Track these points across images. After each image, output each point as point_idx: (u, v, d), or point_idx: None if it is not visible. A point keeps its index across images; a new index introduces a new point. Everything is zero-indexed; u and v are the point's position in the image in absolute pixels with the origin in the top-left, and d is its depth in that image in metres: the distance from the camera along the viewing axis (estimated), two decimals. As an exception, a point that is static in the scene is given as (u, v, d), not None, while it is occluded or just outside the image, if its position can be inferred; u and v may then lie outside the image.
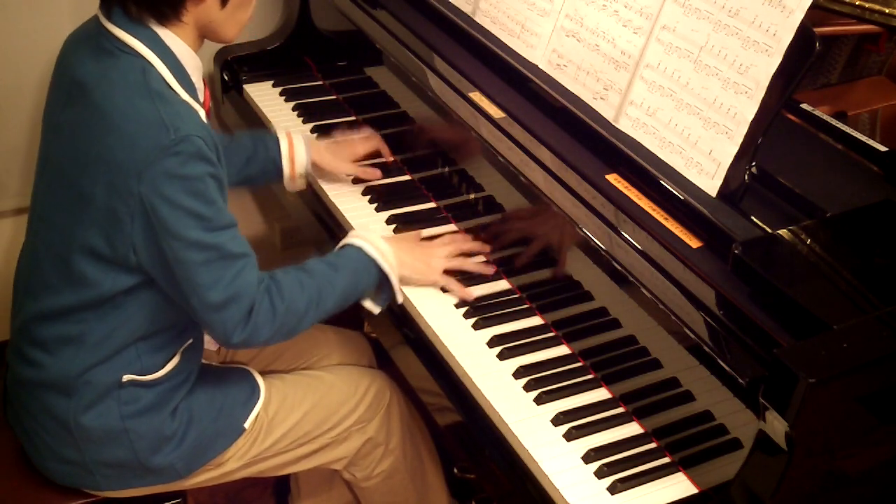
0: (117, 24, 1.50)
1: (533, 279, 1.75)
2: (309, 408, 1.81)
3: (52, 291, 1.59)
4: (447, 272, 1.76)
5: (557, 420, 1.52)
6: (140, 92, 1.46)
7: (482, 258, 1.81)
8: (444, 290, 1.75)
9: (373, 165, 2.05)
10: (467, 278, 1.78)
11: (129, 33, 1.50)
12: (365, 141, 2.05)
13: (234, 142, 1.92)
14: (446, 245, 1.79)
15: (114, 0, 1.51)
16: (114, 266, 1.53)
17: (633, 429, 1.52)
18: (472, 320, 1.69)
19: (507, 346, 1.64)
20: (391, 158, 2.06)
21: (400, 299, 1.73)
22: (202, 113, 1.54)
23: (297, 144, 1.96)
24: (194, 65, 1.57)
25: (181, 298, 1.53)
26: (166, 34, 1.52)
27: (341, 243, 1.72)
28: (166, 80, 1.50)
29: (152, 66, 1.49)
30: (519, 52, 1.89)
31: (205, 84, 1.63)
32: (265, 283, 1.56)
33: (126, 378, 1.60)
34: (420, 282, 1.75)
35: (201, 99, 1.59)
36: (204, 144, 1.46)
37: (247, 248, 1.55)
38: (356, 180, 2.03)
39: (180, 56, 1.53)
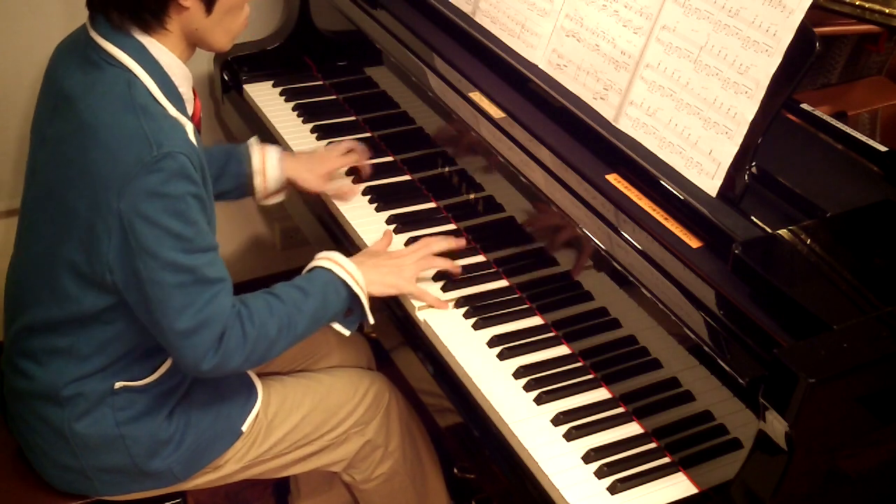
0: (103, 35, 1.48)
1: (533, 279, 1.75)
2: (308, 410, 1.80)
3: (39, 305, 1.58)
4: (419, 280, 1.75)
5: (557, 420, 1.52)
6: (125, 106, 1.44)
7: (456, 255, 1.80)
8: (445, 289, 1.76)
9: (375, 165, 2.05)
10: (468, 276, 1.78)
11: (116, 44, 1.47)
12: (342, 157, 2.00)
13: (207, 154, 1.84)
14: (415, 251, 1.76)
15: (97, 9, 1.49)
16: (93, 284, 1.50)
17: (633, 429, 1.52)
18: (472, 320, 1.69)
19: (507, 346, 1.64)
20: (369, 172, 2.01)
21: (371, 321, 1.71)
22: (190, 128, 1.50)
23: (269, 158, 1.90)
24: (183, 75, 1.54)
25: (150, 322, 1.50)
26: (153, 44, 1.49)
27: (309, 266, 1.69)
28: (153, 93, 1.47)
29: (138, 78, 1.46)
30: (519, 52, 1.89)
31: (195, 95, 1.61)
32: (236, 308, 1.53)
33: (119, 385, 1.59)
34: (397, 293, 1.73)
35: (190, 112, 1.57)
36: (188, 162, 1.43)
37: (224, 272, 1.52)
38: (356, 180, 2.02)
39: (168, 68, 1.51)
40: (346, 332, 1.71)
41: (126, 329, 1.56)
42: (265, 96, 2.32)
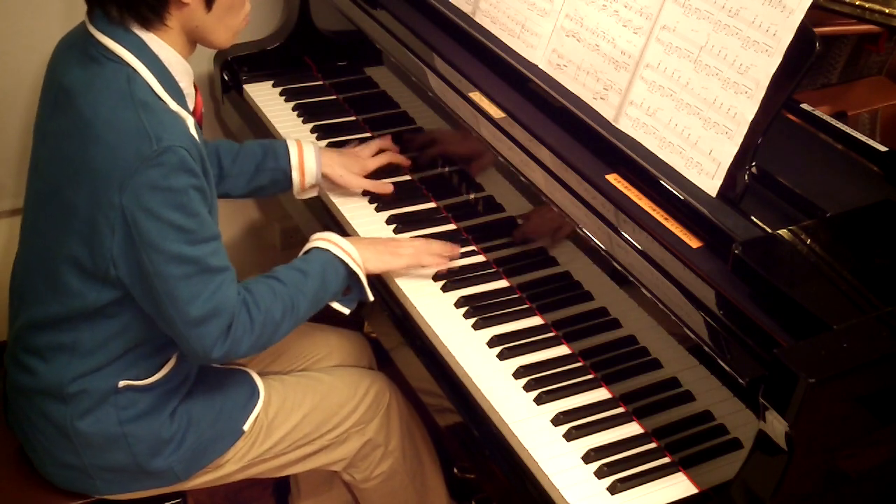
0: (102, 31, 1.48)
1: (533, 279, 1.75)
2: (308, 409, 1.80)
3: (42, 301, 1.58)
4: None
5: (557, 420, 1.52)
6: (124, 101, 1.44)
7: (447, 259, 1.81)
8: (445, 288, 1.76)
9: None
10: (468, 276, 1.78)
11: (115, 40, 1.48)
12: (377, 157, 2.01)
13: (243, 150, 1.89)
14: (413, 241, 1.78)
15: (96, 4, 1.49)
16: (97, 278, 1.51)
17: (633, 429, 1.52)
18: (472, 320, 1.69)
19: (507, 346, 1.64)
20: (408, 164, 2.03)
21: (371, 298, 1.72)
22: (191, 122, 1.51)
23: (307, 154, 1.91)
24: (183, 70, 1.54)
25: (158, 314, 1.50)
26: (153, 40, 1.49)
27: (306, 247, 1.71)
28: (153, 88, 1.47)
29: (138, 73, 1.47)
30: (519, 52, 1.89)
31: (196, 90, 1.61)
32: (241, 295, 1.54)
33: (122, 384, 1.59)
34: (392, 269, 1.75)
35: (191, 107, 1.57)
36: (188, 155, 1.44)
37: (226, 261, 1.53)
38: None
39: (168, 63, 1.51)
40: (346, 311, 1.73)
41: (130, 324, 1.56)
42: (265, 96, 2.32)
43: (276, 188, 1.94)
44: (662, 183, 1.56)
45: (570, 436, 1.50)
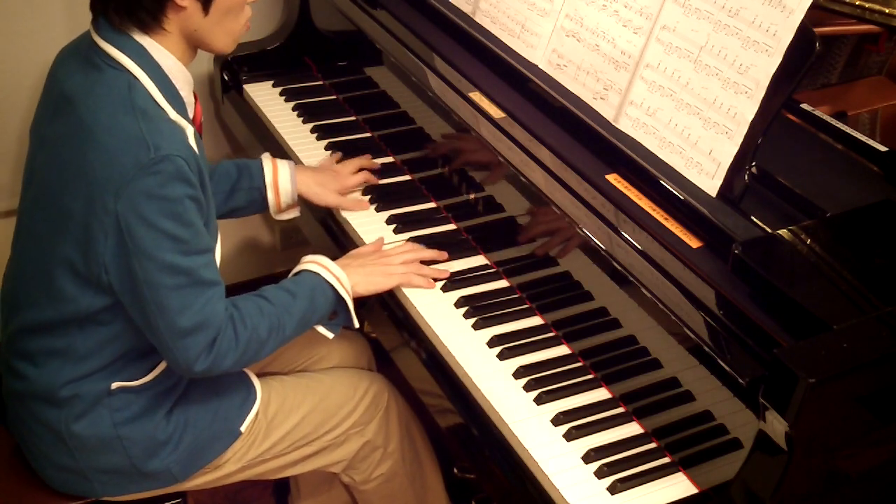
0: (104, 38, 1.49)
1: (533, 279, 1.75)
2: (307, 410, 1.80)
3: (35, 305, 1.58)
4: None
5: (557, 420, 1.52)
6: (124, 108, 1.44)
7: (440, 264, 1.81)
8: (445, 288, 1.76)
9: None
10: (468, 276, 1.78)
11: (116, 47, 1.48)
12: (357, 176, 2.00)
13: (217, 170, 1.88)
14: (402, 253, 1.78)
15: (98, 11, 1.50)
16: (90, 283, 1.51)
17: (633, 429, 1.52)
18: (472, 320, 1.69)
19: (507, 346, 1.64)
20: (376, 182, 2.03)
21: (356, 325, 1.73)
22: (190, 130, 1.51)
23: (281, 173, 1.91)
24: (184, 79, 1.54)
25: (145, 323, 1.50)
26: (154, 46, 1.50)
27: (296, 269, 1.71)
28: (153, 96, 1.47)
29: (138, 81, 1.47)
30: (519, 52, 1.89)
31: (196, 100, 1.61)
32: (229, 311, 1.55)
33: (115, 385, 1.59)
34: (381, 291, 1.75)
35: (191, 115, 1.57)
36: (185, 165, 1.44)
37: (217, 276, 1.53)
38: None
39: (168, 70, 1.51)
40: (330, 335, 1.73)
41: (123, 330, 1.56)
42: (265, 96, 2.32)
43: (253, 208, 1.93)
44: (662, 183, 1.56)
45: (570, 436, 1.50)
